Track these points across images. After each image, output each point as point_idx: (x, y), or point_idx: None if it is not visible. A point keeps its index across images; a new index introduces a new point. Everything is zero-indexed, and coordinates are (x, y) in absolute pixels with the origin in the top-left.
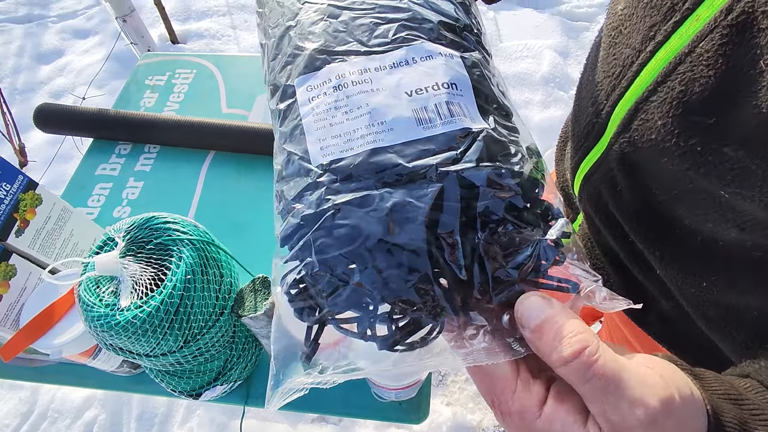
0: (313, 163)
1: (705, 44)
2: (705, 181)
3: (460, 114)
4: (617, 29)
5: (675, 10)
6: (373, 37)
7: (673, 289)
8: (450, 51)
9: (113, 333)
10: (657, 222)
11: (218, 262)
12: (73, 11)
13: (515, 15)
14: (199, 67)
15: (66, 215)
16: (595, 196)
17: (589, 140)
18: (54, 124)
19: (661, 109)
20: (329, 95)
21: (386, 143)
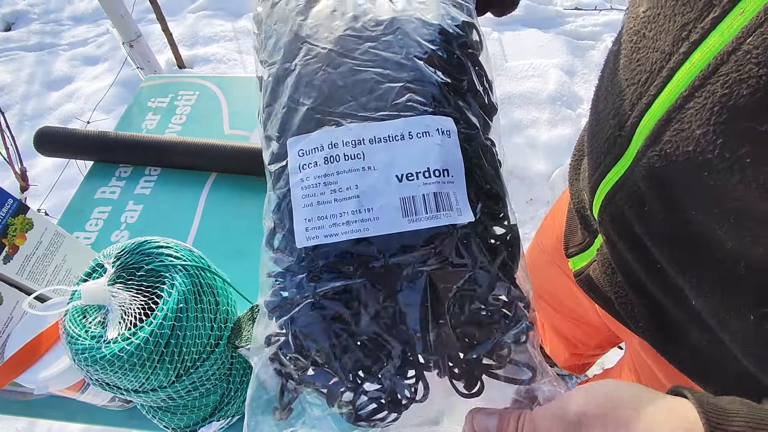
0: (298, 243)
1: (753, 39)
2: (757, 197)
3: (446, 208)
4: (640, 33)
5: (713, 5)
6: (372, 99)
7: (712, 322)
8: (448, 126)
9: (98, 367)
10: (693, 246)
11: (214, 289)
12: (84, 39)
13: (519, 35)
14: (202, 89)
15: (59, 240)
16: (619, 218)
17: (610, 156)
18: (54, 147)
19: (701, 117)
20: (320, 166)
21: (371, 233)
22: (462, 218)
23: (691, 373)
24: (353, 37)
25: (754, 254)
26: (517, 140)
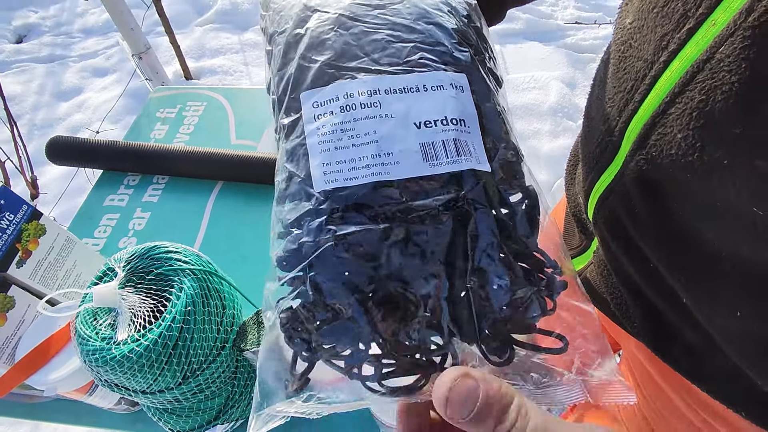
0: (315, 188)
1: (725, 49)
2: (735, 198)
3: (466, 153)
4: (627, 43)
5: (688, 17)
6: (385, 55)
7: (702, 319)
8: (461, 82)
9: (108, 368)
10: (682, 246)
11: (220, 293)
12: (93, 51)
13: (521, 48)
14: (210, 100)
15: (70, 246)
16: (612, 220)
17: (602, 160)
18: (65, 156)
19: (681, 122)
20: (336, 115)
21: (391, 177)
22: (481, 166)
23: (684, 371)
24: (362, 5)
25: (737, 253)
26: None
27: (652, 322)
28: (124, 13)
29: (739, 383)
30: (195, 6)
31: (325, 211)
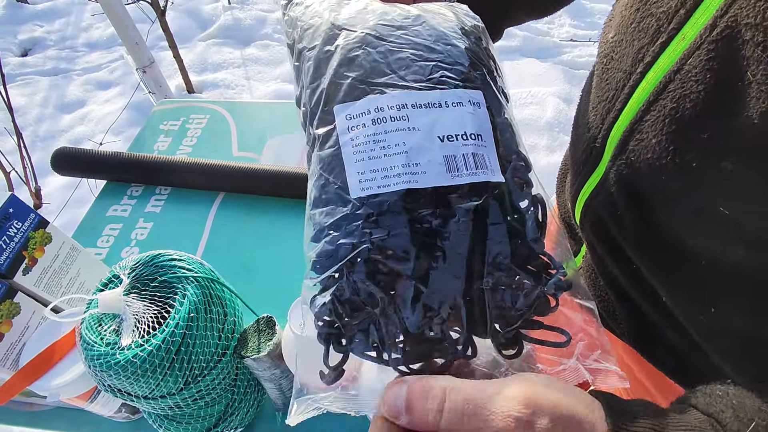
0: (352, 194)
1: (692, 61)
2: (705, 198)
3: (483, 167)
4: (608, 56)
5: (661, 32)
6: (410, 73)
7: (681, 317)
8: (477, 99)
9: (112, 373)
10: (660, 246)
11: (222, 300)
12: (97, 65)
13: (518, 64)
14: (213, 113)
15: (74, 254)
16: (597, 223)
17: (587, 165)
18: (70, 167)
19: (655, 128)
20: (368, 127)
21: (419, 185)
22: (496, 178)
23: (668, 371)
24: (386, 26)
25: (711, 251)
26: None
27: (636, 323)
28: (129, 28)
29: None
30: (198, 21)
31: (361, 216)
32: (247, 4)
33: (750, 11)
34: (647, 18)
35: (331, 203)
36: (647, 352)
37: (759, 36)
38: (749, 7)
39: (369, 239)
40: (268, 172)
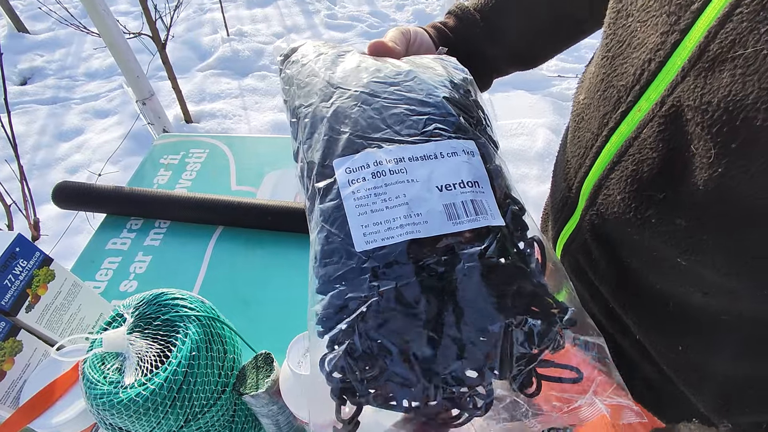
0: (357, 248)
1: (647, 131)
2: (664, 249)
3: (483, 212)
4: (580, 116)
5: (621, 102)
6: (405, 127)
7: (654, 353)
8: (471, 148)
9: (115, 412)
10: (631, 288)
11: (223, 338)
12: (96, 94)
13: (509, 96)
14: (212, 147)
15: (76, 290)
16: (575, 266)
17: (564, 213)
18: (72, 201)
19: (619, 186)
20: (368, 180)
21: (422, 235)
22: (496, 222)
23: (645, 403)
24: (379, 83)
25: (675, 294)
26: None
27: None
28: (130, 62)
29: (691, 413)
30: (197, 52)
31: (368, 269)
32: (245, 36)
33: (690, 94)
34: (610, 88)
35: (336, 256)
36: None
37: (698, 117)
38: (689, 91)
39: (378, 292)
40: (265, 206)
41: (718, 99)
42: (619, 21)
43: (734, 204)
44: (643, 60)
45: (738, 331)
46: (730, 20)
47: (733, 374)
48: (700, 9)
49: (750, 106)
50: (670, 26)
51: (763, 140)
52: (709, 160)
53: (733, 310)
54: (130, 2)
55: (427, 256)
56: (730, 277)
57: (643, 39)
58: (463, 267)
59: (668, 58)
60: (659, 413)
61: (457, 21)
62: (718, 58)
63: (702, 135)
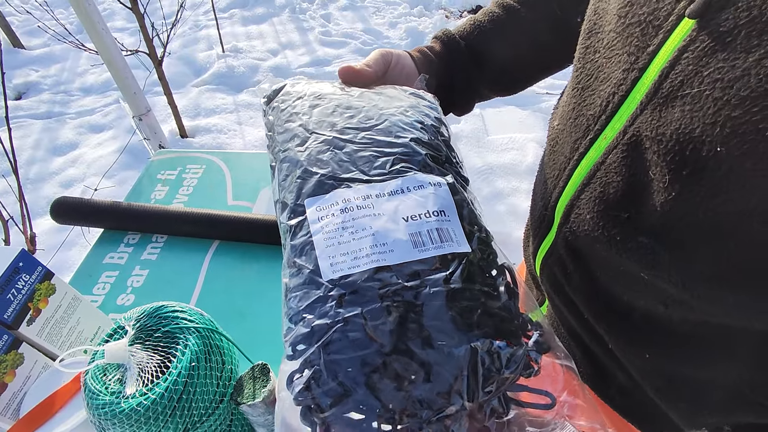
0: (324, 277)
1: (612, 156)
2: (628, 264)
3: (448, 239)
4: (554, 140)
5: (590, 129)
6: (373, 168)
7: (624, 361)
8: (438, 180)
9: (116, 421)
10: (602, 300)
11: (221, 349)
12: (91, 108)
13: (500, 111)
14: (209, 163)
15: (75, 304)
16: (552, 279)
17: (542, 229)
18: (69, 216)
19: (588, 206)
20: (337, 216)
21: (388, 262)
22: (462, 248)
23: (621, 411)
24: (351, 129)
25: (640, 306)
26: (499, 208)
27: (591, 365)
28: (127, 78)
29: (662, 420)
30: (192, 68)
31: (334, 297)
32: (240, 52)
33: (648, 126)
34: (580, 117)
35: (304, 287)
36: (601, 391)
37: (654, 146)
38: (647, 123)
39: (343, 318)
40: (261, 220)
41: (670, 131)
42: (587, 56)
43: (686, 224)
44: (609, 93)
45: (696, 339)
46: (678, 63)
47: (694, 379)
48: (655, 51)
49: (697, 138)
50: (631, 64)
51: (708, 168)
52: (665, 185)
53: (691, 320)
54: (126, 19)
55: (393, 283)
56: (684, 291)
57: (609, 74)
58: (428, 292)
59: (629, 92)
60: (631, 418)
61: (442, 46)
62: (670, 95)
63: (658, 162)
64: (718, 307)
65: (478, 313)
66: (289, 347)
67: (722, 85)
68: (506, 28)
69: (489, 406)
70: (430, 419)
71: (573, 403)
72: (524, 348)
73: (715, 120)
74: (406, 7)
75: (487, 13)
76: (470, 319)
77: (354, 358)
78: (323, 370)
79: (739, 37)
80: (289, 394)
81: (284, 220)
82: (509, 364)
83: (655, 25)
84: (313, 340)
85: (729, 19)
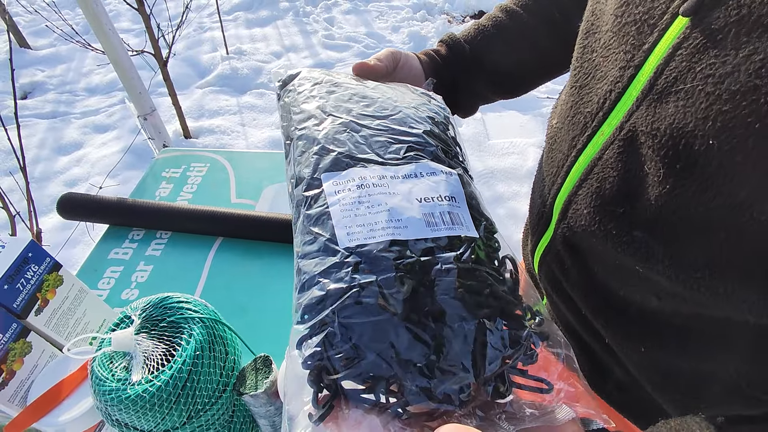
0: (340, 245)
1: (609, 152)
2: (623, 257)
3: (459, 223)
4: (553, 138)
5: (587, 127)
6: (387, 152)
7: (621, 356)
8: (449, 169)
9: (122, 407)
10: (599, 295)
11: (225, 340)
12: (96, 109)
13: (501, 116)
14: (213, 161)
15: (82, 296)
16: (550, 275)
17: (540, 226)
18: (76, 212)
19: (585, 201)
20: (353, 191)
21: (402, 237)
22: (471, 233)
23: (617, 405)
24: (367, 116)
25: (635, 300)
26: (500, 211)
27: (589, 361)
28: (133, 78)
29: (658, 415)
30: (197, 70)
31: (350, 264)
32: (244, 54)
33: (643, 121)
34: (578, 114)
35: (320, 254)
36: (599, 387)
37: (649, 141)
38: (642, 118)
39: (359, 283)
40: (264, 218)
41: (664, 126)
42: (585, 56)
43: (678, 218)
44: (606, 90)
45: (690, 332)
46: (673, 59)
47: (690, 373)
48: (650, 49)
49: (689, 133)
50: (627, 62)
51: (700, 162)
52: (659, 179)
53: (683, 313)
54: (131, 20)
55: (407, 256)
56: (677, 283)
57: (606, 72)
58: (440, 268)
59: (626, 89)
60: (627, 413)
61: (447, 50)
62: (665, 91)
63: (653, 157)
64: (709, 298)
65: (485, 293)
66: (301, 310)
67: (714, 80)
68: (509, 33)
69: (492, 384)
70: (438, 390)
71: (569, 390)
72: (528, 330)
73: (706, 114)
74: (409, 11)
75: (490, 18)
76: (478, 298)
77: (367, 324)
78: (337, 332)
79: (730, 34)
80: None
81: (299, 192)
82: (513, 345)
83: (650, 24)
84: (327, 303)
85: (720, 18)
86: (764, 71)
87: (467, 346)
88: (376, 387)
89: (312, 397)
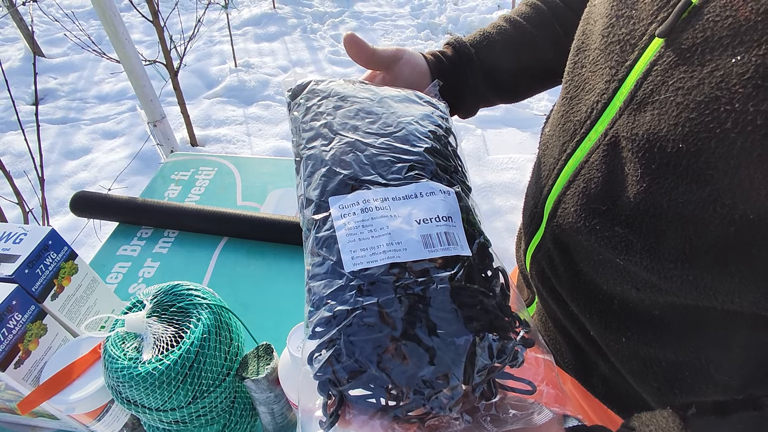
0: (346, 269)
1: (595, 156)
2: (606, 251)
3: (454, 243)
4: (545, 144)
5: (576, 133)
6: (390, 173)
7: (604, 347)
8: (447, 188)
9: (132, 384)
10: (585, 289)
11: (230, 326)
12: (105, 116)
13: (500, 132)
14: (220, 166)
15: (94, 285)
16: (541, 273)
17: (532, 226)
18: (88, 209)
19: (573, 200)
20: (357, 215)
21: (402, 259)
22: (464, 252)
23: (602, 398)
24: (372, 134)
25: (617, 292)
26: (497, 224)
27: (576, 356)
28: (146, 86)
29: (641, 406)
30: (205, 81)
31: (354, 287)
32: (252, 67)
33: (625, 127)
34: (568, 123)
35: (327, 277)
36: (585, 380)
37: (629, 145)
38: (624, 125)
39: (362, 305)
40: (268, 220)
41: (642, 132)
42: (575, 70)
43: (653, 213)
44: (593, 101)
45: (665, 321)
46: (650, 74)
47: (666, 361)
48: (631, 65)
49: (663, 137)
50: (612, 77)
51: (672, 163)
52: (637, 179)
53: (660, 303)
54: (143, 32)
55: (405, 277)
56: (653, 273)
57: (593, 85)
58: (435, 287)
59: (611, 100)
60: (612, 405)
61: (453, 52)
62: (643, 101)
63: (632, 159)
64: (680, 287)
65: (476, 308)
66: (312, 327)
67: (683, 92)
68: (512, 41)
69: (480, 389)
70: (431, 397)
71: (550, 392)
72: (513, 342)
73: (677, 122)
74: (413, 30)
75: (495, 26)
76: (470, 314)
77: (369, 340)
78: (343, 349)
79: (697, 52)
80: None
81: (309, 215)
82: (500, 355)
83: (632, 44)
84: (334, 322)
85: (689, 38)
86: (723, 84)
87: (459, 357)
88: (377, 394)
89: (322, 405)
